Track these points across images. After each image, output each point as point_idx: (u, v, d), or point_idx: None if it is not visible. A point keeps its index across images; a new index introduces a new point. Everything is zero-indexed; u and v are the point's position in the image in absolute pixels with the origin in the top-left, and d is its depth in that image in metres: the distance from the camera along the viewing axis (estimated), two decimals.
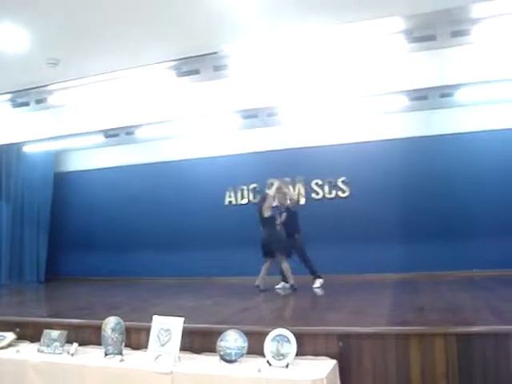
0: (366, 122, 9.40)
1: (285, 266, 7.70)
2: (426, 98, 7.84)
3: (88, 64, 6.44)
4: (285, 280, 7.85)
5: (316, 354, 3.98)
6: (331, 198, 9.71)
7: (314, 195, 9.83)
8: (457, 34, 5.77)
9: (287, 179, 8.82)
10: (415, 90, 7.15)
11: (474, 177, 8.73)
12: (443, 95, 7.69)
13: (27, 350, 4.58)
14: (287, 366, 3.65)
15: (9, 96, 7.62)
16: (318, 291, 7.55)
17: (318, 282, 7.82)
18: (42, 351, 4.44)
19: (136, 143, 10.67)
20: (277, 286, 7.84)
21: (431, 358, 3.84)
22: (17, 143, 9.56)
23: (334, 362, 3.85)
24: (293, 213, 8.13)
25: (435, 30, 5.82)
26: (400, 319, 4.66)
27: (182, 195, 10.27)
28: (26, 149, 10.44)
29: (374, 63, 6.77)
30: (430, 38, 5.94)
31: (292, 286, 7.60)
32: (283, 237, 7.88)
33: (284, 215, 8.01)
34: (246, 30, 5.68)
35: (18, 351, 4.52)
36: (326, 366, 3.72)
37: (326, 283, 7.87)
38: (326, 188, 9.76)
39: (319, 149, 9.54)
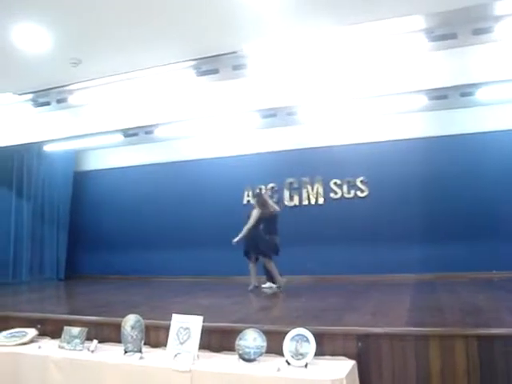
0: (385, 122, 9.35)
1: (271, 266, 7.73)
2: (446, 97, 7.74)
3: (109, 63, 6.50)
4: (271, 280, 7.87)
5: (335, 354, 3.96)
6: (350, 198, 9.67)
7: (332, 195, 9.80)
8: (479, 31, 5.69)
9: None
10: (435, 89, 7.09)
11: (494, 177, 8.63)
12: (464, 94, 7.59)
13: (48, 346, 4.64)
14: (306, 366, 3.64)
15: (30, 96, 7.73)
16: (267, 291, 7.63)
17: (268, 284, 7.87)
18: (63, 347, 4.49)
19: (154, 142, 10.74)
20: (264, 286, 7.87)
21: (451, 360, 3.79)
22: (37, 142, 9.68)
23: (353, 362, 3.83)
24: (273, 215, 8.11)
25: (456, 28, 5.75)
26: (419, 320, 4.63)
27: (200, 194, 10.32)
28: (47, 148, 10.56)
29: (393, 62, 6.73)
30: (451, 36, 5.86)
31: (279, 287, 7.66)
32: (267, 237, 7.88)
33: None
34: (265, 29, 5.68)
35: (39, 347, 4.58)
36: (345, 366, 3.70)
37: (344, 283, 7.84)
38: (345, 188, 9.72)
39: (338, 148, 9.52)
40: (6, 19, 5.27)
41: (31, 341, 4.75)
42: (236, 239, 7.73)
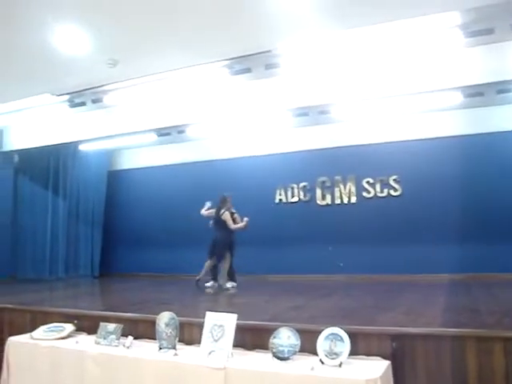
0: (419, 120, 9.22)
1: (226, 267, 7.93)
2: (482, 94, 7.60)
3: (145, 64, 6.58)
4: (233, 279, 7.99)
5: (369, 353, 3.92)
6: (383, 197, 9.57)
7: (365, 194, 9.72)
8: None
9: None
10: (471, 86, 6.96)
11: None
12: (501, 91, 7.45)
13: (85, 341, 4.73)
14: (340, 365, 3.61)
15: (67, 96, 7.89)
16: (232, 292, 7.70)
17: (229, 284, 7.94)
18: (99, 343, 4.57)
19: (187, 142, 10.83)
20: (227, 285, 7.89)
21: (489, 363, 3.70)
22: (73, 142, 9.89)
23: (388, 362, 3.78)
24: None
25: (493, 23, 5.65)
26: (455, 321, 4.54)
27: (233, 193, 10.35)
28: (82, 147, 10.77)
29: (428, 59, 6.64)
30: (488, 31, 5.75)
31: (221, 286, 7.87)
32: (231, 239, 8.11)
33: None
34: (298, 28, 5.65)
35: (76, 342, 4.67)
36: (380, 366, 3.66)
37: (377, 283, 7.77)
38: (378, 186, 9.63)
39: (371, 147, 9.44)
40: (46, 22, 5.39)
41: (69, 336, 4.85)
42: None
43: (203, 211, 8.37)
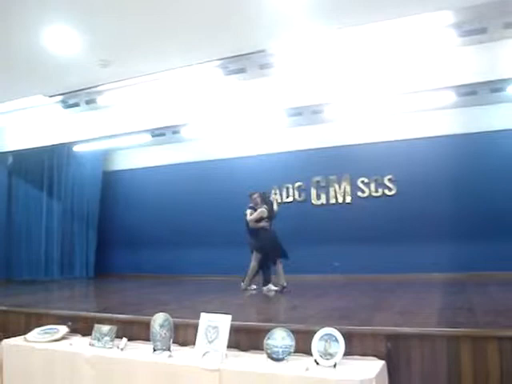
0: (413, 119, 9.25)
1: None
2: (476, 93, 7.62)
3: (137, 65, 6.57)
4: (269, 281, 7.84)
5: (364, 354, 3.91)
6: (377, 197, 9.59)
7: (359, 193, 9.75)
8: (510, 25, 5.58)
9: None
10: (464, 86, 6.97)
11: None
12: (494, 90, 7.47)
13: (79, 343, 4.70)
14: (335, 366, 3.60)
15: (60, 97, 7.86)
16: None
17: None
18: (93, 345, 4.53)
19: (181, 142, 10.82)
20: (272, 288, 7.74)
21: (484, 362, 3.69)
22: (67, 143, 9.86)
23: (383, 362, 3.78)
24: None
25: (486, 22, 5.66)
26: (450, 320, 4.54)
27: (228, 193, 10.33)
28: (76, 148, 10.75)
29: (421, 58, 6.65)
30: (481, 30, 5.77)
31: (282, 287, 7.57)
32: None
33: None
34: (291, 27, 5.66)
35: (71, 344, 4.64)
36: (375, 366, 3.65)
37: (373, 282, 7.79)
38: (373, 186, 9.65)
39: (365, 146, 9.46)
40: (37, 23, 5.37)
41: (63, 338, 4.82)
42: None
43: (253, 217, 8.00)
